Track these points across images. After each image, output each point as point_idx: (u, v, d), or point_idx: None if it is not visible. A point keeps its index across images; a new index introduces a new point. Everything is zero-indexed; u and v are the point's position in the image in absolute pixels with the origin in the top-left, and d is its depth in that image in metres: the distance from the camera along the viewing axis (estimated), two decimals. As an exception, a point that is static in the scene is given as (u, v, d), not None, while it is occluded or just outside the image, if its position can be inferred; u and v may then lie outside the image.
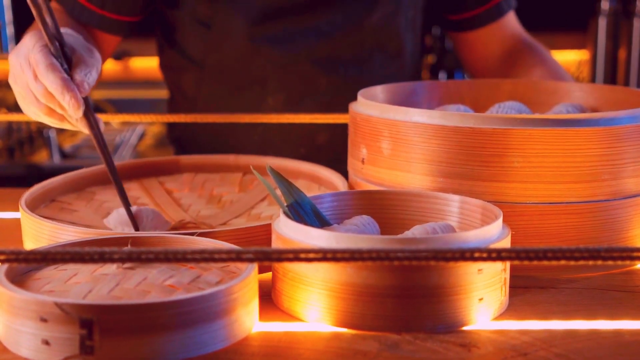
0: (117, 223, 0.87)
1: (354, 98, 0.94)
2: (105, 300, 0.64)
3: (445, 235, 0.68)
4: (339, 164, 0.98)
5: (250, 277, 0.66)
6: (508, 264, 0.72)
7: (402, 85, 1.04)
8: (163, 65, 1.29)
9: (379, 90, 0.99)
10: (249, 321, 0.67)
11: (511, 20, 1.30)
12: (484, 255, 0.55)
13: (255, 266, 0.68)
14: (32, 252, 0.54)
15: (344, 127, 0.98)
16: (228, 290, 0.64)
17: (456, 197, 0.79)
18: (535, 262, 0.54)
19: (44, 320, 0.60)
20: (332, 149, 1.22)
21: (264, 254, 0.55)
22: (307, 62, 1.16)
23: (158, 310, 0.60)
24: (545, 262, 0.53)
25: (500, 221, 0.72)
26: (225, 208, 0.96)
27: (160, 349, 0.60)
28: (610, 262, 0.54)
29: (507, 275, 0.72)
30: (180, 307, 0.61)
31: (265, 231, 0.79)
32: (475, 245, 0.69)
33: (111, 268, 0.70)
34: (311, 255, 0.55)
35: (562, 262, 0.53)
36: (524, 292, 0.76)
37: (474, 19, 1.27)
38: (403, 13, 1.21)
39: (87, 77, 0.84)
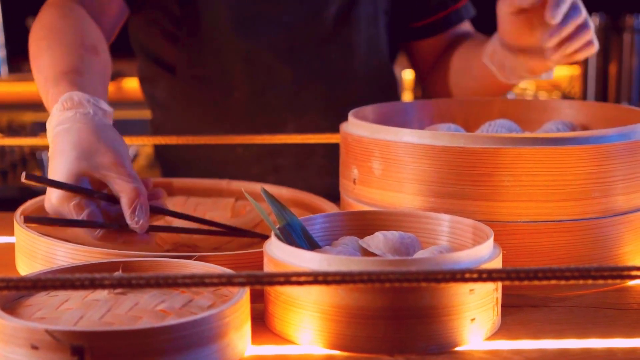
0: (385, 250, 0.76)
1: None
2: (97, 326, 0.64)
3: (436, 256, 0.68)
4: (331, 177, 0.98)
5: (242, 301, 0.66)
6: (500, 283, 0.72)
7: (393, 104, 1.04)
8: (141, 79, 1.31)
9: (369, 110, 0.99)
10: (242, 345, 0.67)
11: (468, 28, 1.31)
12: (475, 275, 0.55)
13: (247, 290, 0.68)
14: (23, 279, 0.54)
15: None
16: (220, 314, 0.64)
17: (447, 217, 0.79)
18: (526, 282, 0.54)
19: (35, 347, 0.60)
20: (323, 161, 1.23)
21: (256, 277, 0.55)
22: (269, 53, 1.17)
23: (150, 336, 0.60)
24: (536, 282, 0.54)
25: (491, 241, 0.72)
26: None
27: (152, 374, 0.60)
28: (600, 281, 0.54)
29: (499, 295, 0.72)
30: (172, 332, 0.61)
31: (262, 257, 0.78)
32: (466, 265, 0.69)
33: (102, 294, 0.69)
34: (302, 278, 0.55)
35: (553, 282, 0.53)
36: (516, 312, 0.76)
37: (434, 24, 1.28)
38: (362, 7, 1.22)
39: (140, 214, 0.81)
